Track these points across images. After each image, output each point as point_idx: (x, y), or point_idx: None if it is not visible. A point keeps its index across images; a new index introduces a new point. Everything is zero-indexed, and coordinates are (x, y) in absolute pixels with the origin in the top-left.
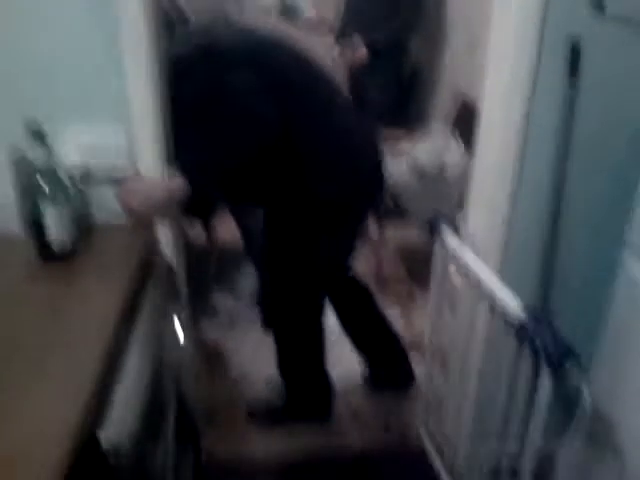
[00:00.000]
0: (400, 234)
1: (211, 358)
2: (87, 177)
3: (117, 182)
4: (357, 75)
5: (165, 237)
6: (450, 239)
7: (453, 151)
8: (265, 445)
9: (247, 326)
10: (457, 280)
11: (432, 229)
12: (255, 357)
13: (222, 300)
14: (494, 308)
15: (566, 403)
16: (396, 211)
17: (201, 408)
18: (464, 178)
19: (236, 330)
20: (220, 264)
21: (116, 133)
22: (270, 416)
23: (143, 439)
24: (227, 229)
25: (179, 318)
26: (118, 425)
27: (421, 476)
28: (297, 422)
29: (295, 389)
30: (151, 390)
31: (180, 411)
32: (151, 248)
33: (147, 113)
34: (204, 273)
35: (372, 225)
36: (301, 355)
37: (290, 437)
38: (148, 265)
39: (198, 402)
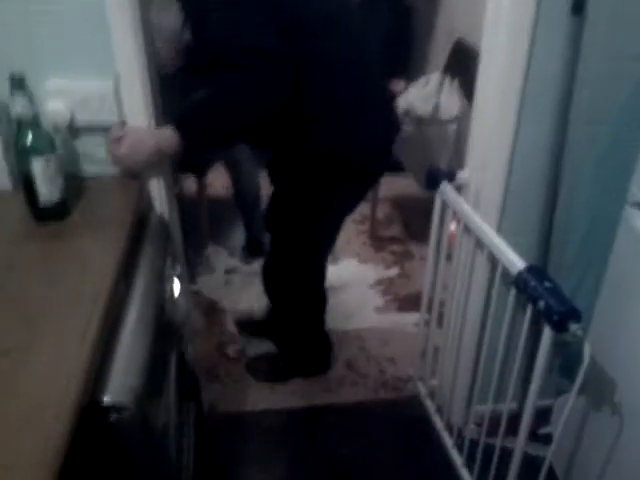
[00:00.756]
0: (396, 188)
1: (209, 314)
2: (73, 128)
3: (105, 132)
4: None
5: (158, 192)
6: (449, 193)
7: (449, 95)
8: (264, 397)
9: (243, 281)
10: (456, 234)
11: (430, 183)
12: (250, 307)
13: (217, 256)
14: (493, 262)
15: (567, 358)
16: (392, 164)
17: (201, 364)
18: (462, 128)
19: (232, 286)
20: (214, 219)
21: (102, 84)
22: (270, 373)
23: (146, 397)
24: (221, 183)
25: (176, 274)
26: (120, 383)
27: (417, 427)
28: (296, 377)
29: (295, 349)
30: (152, 347)
31: (181, 367)
32: (145, 203)
33: (133, 63)
34: (198, 228)
35: None
36: (302, 319)
37: (288, 388)
38: (143, 221)
39: (198, 358)
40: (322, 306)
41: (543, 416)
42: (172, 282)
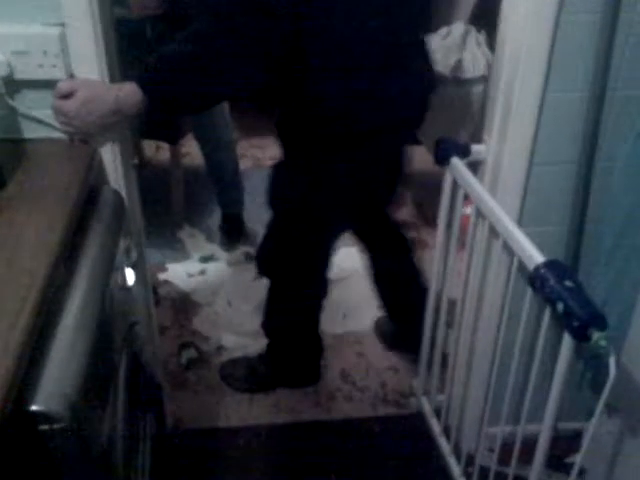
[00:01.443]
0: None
1: (178, 308)
2: (11, 83)
3: (49, 88)
4: None
5: (113, 160)
6: (460, 170)
7: (474, 50)
8: (242, 410)
9: (221, 271)
10: (468, 221)
11: (439, 157)
12: (231, 309)
13: (192, 239)
14: (511, 255)
15: (598, 373)
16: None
17: (166, 368)
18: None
19: (208, 276)
20: (191, 196)
21: (46, 31)
22: (248, 381)
23: (85, 405)
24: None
25: (132, 259)
26: (53, 388)
27: (419, 451)
28: (279, 387)
29: (281, 351)
30: (95, 346)
31: (135, 372)
32: (97, 174)
33: (82, 7)
34: (170, 206)
35: None
36: (296, 313)
37: (270, 401)
38: (93, 195)
39: (162, 361)
40: (320, 299)
41: (575, 442)
42: (125, 269)
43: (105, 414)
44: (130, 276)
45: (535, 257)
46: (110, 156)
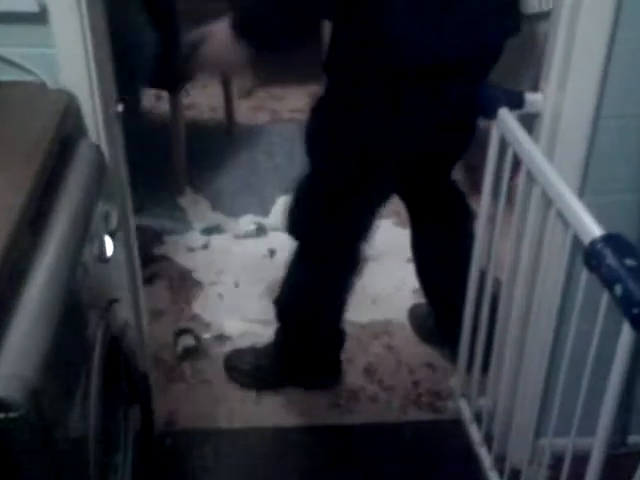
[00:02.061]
0: None
1: (177, 288)
2: None
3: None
4: None
5: (92, 109)
6: (510, 125)
7: None
8: (246, 410)
9: (229, 245)
10: (519, 185)
11: (484, 108)
12: (238, 291)
13: (195, 207)
14: (566, 228)
15: None
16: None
17: (158, 357)
18: None
19: (213, 250)
20: (195, 155)
21: None
22: (255, 376)
23: (48, 393)
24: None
25: (111, 226)
26: (10, 372)
27: (455, 464)
28: (293, 386)
29: (293, 339)
30: (63, 323)
31: (115, 359)
32: (73, 124)
33: None
34: (170, 167)
35: None
36: (319, 288)
37: (281, 399)
38: (67, 147)
39: (156, 349)
40: (350, 274)
41: None
42: (104, 239)
43: (74, 403)
44: (109, 246)
45: (591, 230)
46: (88, 102)
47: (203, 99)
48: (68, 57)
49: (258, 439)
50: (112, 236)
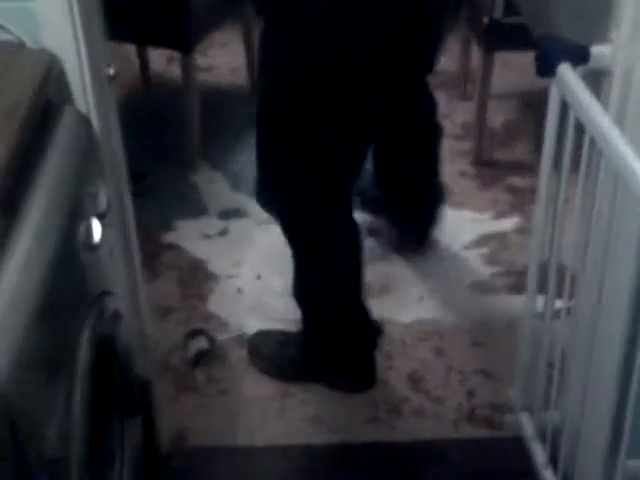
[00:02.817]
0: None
1: (189, 281)
2: None
3: None
4: None
5: (79, 71)
6: (574, 85)
7: None
8: (269, 424)
9: (248, 232)
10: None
11: (542, 65)
12: (260, 284)
13: (211, 186)
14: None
15: None
16: (511, 30)
17: (163, 360)
18: None
19: (230, 237)
20: (211, 125)
21: None
22: (276, 364)
23: (19, 391)
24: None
25: (99, 207)
26: None
27: None
28: (318, 381)
29: (316, 329)
30: (39, 316)
31: (108, 358)
32: (57, 88)
33: None
34: (181, 139)
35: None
36: (319, 268)
37: (309, 412)
38: (50, 116)
39: (163, 352)
40: (348, 243)
41: None
42: (91, 222)
43: (54, 409)
44: (97, 230)
45: None
46: (74, 64)
47: (222, 60)
48: (49, 11)
49: (283, 459)
50: (101, 219)
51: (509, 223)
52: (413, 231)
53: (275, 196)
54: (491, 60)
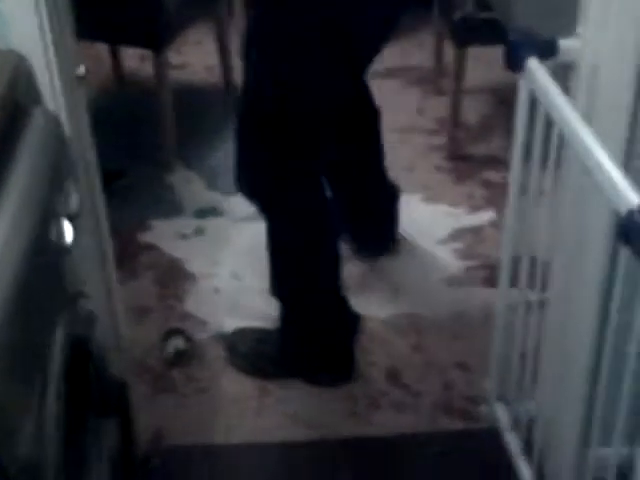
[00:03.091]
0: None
1: (165, 281)
2: None
3: None
4: None
5: (48, 71)
6: (541, 80)
7: None
8: (246, 422)
9: (224, 230)
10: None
11: (510, 59)
12: (238, 283)
13: (187, 186)
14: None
15: None
16: (483, 25)
17: (140, 361)
18: None
19: (206, 236)
20: (186, 124)
21: None
22: (253, 361)
23: None
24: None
25: (70, 208)
26: None
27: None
28: (296, 377)
29: (294, 320)
30: (11, 319)
31: (83, 360)
32: (25, 88)
33: None
34: (157, 138)
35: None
36: (298, 253)
37: (287, 408)
38: (18, 117)
39: (141, 353)
40: (326, 225)
41: None
42: (62, 224)
43: (27, 411)
44: (68, 231)
45: (629, 198)
46: (42, 64)
47: (196, 58)
48: (16, 11)
49: (261, 456)
50: (73, 220)
51: (484, 217)
52: (375, 242)
53: (254, 176)
54: (464, 55)
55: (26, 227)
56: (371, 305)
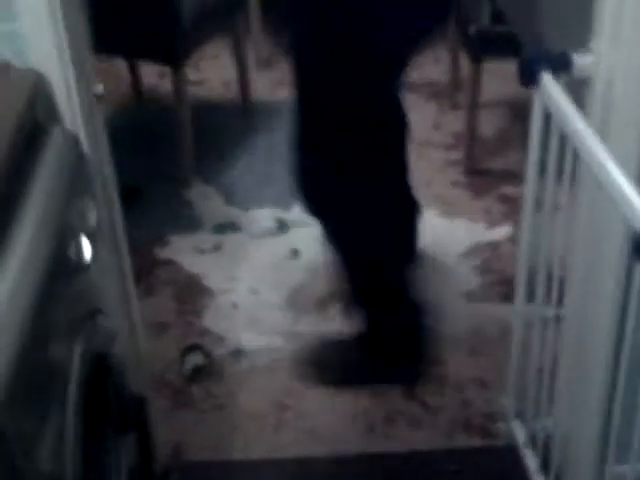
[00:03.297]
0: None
1: (184, 296)
2: None
3: None
4: None
5: (66, 89)
6: (555, 95)
7: None
8: (265, 437)
9: (242, 246)
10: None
11: (525, 74)
12: (256, 299)
13: (205, 202)
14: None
15: None
16: (499, 38)
17: (159, 376)
18: None
19: (225, 252)
20: (204, 141)
21: None
22: (344, 370)
23: (9, 414)
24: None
25: (89, 225)
26: None
27: None
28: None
29: (376, 322)
30: (29, 336)
31: (102, 377)
32: (45, 106)
33: None
34: (174, 154)
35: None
36: (368, 256)
37: (305, 425)
38: (37, 136)
39: (160, 369)
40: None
41: None
42: (81, 241)
43: (47, 428)
44: (87, 248)
45: None
46: (61, 83)
47: (214, 73)
48: (34, 31)
49: (279, 472)
50: (91, 237)
51: (502, 232)
52: None
53: (323, 178)
54: (480, 69)
55: (45, 245)
56: None
